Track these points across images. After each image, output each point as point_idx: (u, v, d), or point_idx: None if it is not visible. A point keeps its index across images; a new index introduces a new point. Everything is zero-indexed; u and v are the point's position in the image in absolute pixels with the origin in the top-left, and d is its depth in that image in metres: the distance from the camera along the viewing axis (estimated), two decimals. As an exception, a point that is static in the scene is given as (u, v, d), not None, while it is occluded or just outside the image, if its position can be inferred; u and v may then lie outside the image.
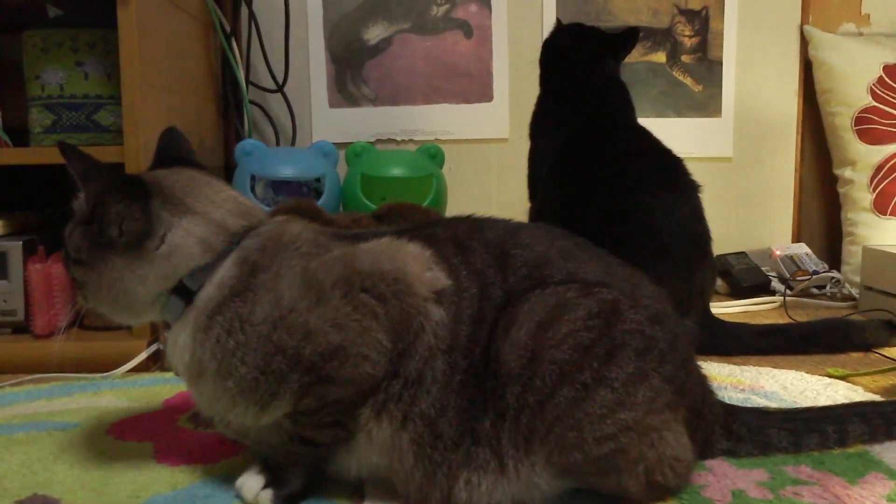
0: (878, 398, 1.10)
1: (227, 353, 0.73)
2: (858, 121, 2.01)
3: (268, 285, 0.74)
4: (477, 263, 0.77)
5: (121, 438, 0.96)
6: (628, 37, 1.56)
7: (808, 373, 1.23)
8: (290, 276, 0.74)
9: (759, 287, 1.93)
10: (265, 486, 0.77)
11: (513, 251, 0.78)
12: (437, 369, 0.73)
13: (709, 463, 0.85)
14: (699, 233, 1.43)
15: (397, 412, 0.73)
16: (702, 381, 0.84)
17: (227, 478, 0.82)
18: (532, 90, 1.65)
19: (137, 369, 1.28)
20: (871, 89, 2.01)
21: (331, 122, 2.13)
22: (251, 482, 0.78)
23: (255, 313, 0.73)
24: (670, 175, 1.43)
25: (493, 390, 0.73)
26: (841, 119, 2.03)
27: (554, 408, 0.71)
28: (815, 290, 1.97)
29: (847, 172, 2.04)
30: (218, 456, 0.89)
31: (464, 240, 0.79)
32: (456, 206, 1.90)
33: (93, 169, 0.77)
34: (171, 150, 0.89)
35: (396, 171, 1.81)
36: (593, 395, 0.71)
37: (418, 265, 0.76)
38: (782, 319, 1.67)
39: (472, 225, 0.82)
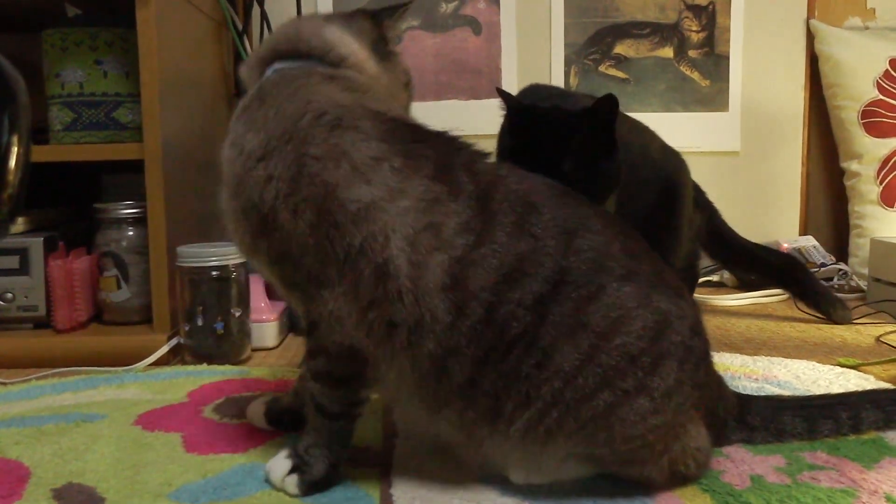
0: (889, 387, 1.11)
1: None
2: (865, 114, 2.02)
3: None
4: (537, 227, 0.75)
5: (148, 429, 0.98)
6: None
7: (819, 362, 1.25)
8: None
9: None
10: (290, 472, 0.79)
11: (582, 233, 0.75)
12: (436, 308, 0.72)
13: (726, 450, 0.87)
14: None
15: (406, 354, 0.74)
16: (717, 380, 0.86)
17: (257, 466, 0.84)
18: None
19: (158, 363, 1.30)
20: (878, 83, 2.02)
21: (341, 119, 2.14)
22: (279, 466, 0.80)
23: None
24: None
25: (528, 377, 0.72)
26: (847, 113, 2.04)
27: (590, 409, 0.71)
28: (822, 283, 1.98)
29: (854, 165, 2.05)
30: (246, 445, 0.91)
31: (535, 201, 0.76)
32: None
33: None
34: None
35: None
36: (632, 402, 0.71)
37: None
38: (792, 311, 1.69)
39: (556, 191, 0.80)
